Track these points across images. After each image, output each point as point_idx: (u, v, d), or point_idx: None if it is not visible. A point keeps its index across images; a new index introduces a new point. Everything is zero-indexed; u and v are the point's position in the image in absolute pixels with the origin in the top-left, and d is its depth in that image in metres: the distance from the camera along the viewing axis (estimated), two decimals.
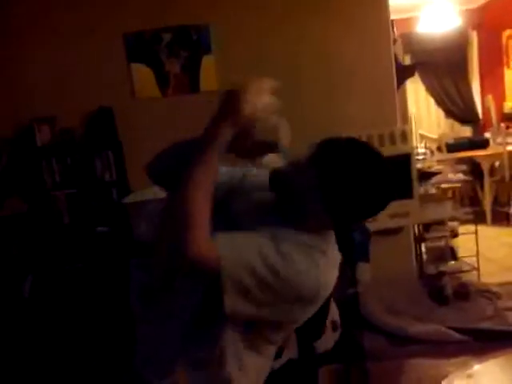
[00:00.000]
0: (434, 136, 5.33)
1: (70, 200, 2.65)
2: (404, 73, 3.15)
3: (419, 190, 3.02)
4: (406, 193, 2.85)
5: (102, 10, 2.74)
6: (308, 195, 1.03)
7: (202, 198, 0.97)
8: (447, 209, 3.23)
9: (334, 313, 2.19)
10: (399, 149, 2.81)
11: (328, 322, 2.11)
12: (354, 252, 2.06)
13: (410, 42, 4.77)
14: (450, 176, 3.55)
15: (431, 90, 5.42)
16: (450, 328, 2.55)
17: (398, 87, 3.10)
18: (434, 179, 3.39)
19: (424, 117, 5.77)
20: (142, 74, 2.78)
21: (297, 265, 0.99)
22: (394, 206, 2.85)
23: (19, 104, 2.72)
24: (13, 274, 2.63)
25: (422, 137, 5.21)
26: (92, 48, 2.74)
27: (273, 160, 1.13)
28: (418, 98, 5.80)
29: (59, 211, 2.64)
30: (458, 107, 5.38)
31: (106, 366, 1.43)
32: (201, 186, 0.98)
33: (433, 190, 3.58)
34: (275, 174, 1.08)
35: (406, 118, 4.20)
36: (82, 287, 2.55)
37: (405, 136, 2.83)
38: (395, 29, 3.21)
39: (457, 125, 5.59)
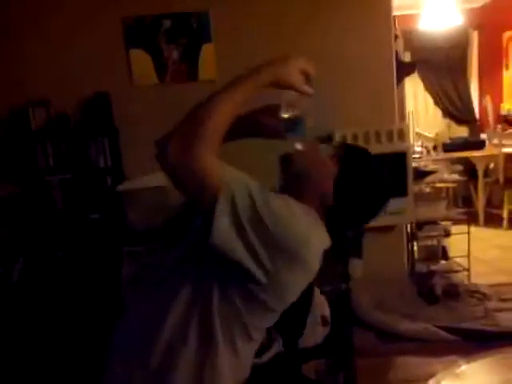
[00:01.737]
0: (431, 135, 5.34)
1: (63, 185, 2.62)
2: (404, 70, 3.13)
3: (414, 188, 3.02)
4: (401, 191, 2.85)
5: None
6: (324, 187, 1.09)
7: (227, 113, 0.98)
8: (441, 208, 3.24)
9: (325, 308, 2.19)
10: (396, 146, 2.80)
11: (318, 317, 2.12)
12: (347, 248, 2.06)
13: (411, 39, 4.76)
14: (445, 176, 3.56)
15: (430, 88, 5.41)
16: (438, 327, 2.56)
17: (398, 84, 3.09)
18: (429, 178, 3.39)
19: (421, 115, 5.77)
20: (141, 60, 2.74)
21: (282, 210, 1.00)
22: (389, 204, 2.85)
23: (15, 86, 2.68)
24: (3, 256, 2.61)
25: (419, 135, 5.22)
26: (91, 32, 2.70)
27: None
28: (416, 96, 5.79)
29: (52, 196, 2.61)
30: (455, 107, 5.38)
31: (94, 353, 1.43)
32: (226, 109, 0.99)
33: (427, 189, 3.58)
34: (285, 157, 1.12)
35: (403, 115, 4.19)
36: (72, 273, 2.53)
37: (402, 134, 2.82)
38: (397, 25, 3.18)
39: (454, 125, 5.60)
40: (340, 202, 1.11)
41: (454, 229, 3.39)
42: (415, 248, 3.28)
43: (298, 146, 1.12)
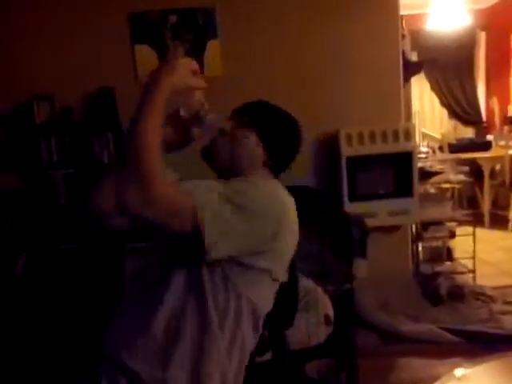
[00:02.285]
0: (437, 135, 5.30)
1: (67, 180, 2.61)
2: (411, 69, 3.11)
3: (419, 188, 3.00)
4: (406, 191, 2.83)
5: None
6: (244, 147, 1.21)
7: (153, 139, 1.02)
8: (447, 209, 3.21)
9: (328, 307, 2.18)
10: (402, 146, 2.78)
11: (321, 316, 2.11)
12: (352, 248, 2.04)
13: (418, 39, 4.73)
14: (451, 176, 3.53)
15: (436, 88, 5.38)
16: (443, 328, 2.54)
17: (404, 84, 3.07)
18: (435, 179, 3.36)
19: (427, 115, 5.74)
20: (146, 56, 2.73)
21: (242, 184, 1.12)
22: (394, 204, 2.84)
23: (19, 79, 2.67)
24: (6, 250, 2.61)
25: (425, 135, 5.18)
26: (97, 26, 2.69)
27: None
28: (422, 95, 5.75)
29: (56, 191, 2.60)
30: (461, 108, 5.35)
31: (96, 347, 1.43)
32: (150, 137, 1.02)
33: (432, 190, 3.55)
34: (206, 149, 1.22)
35: (409, 115, 4.16)
36: (75, 268, 2.52)
37: (408, 134, 2.79)
38: (404, 24, 3.16)
39: (460, 125, 5.56)
40: (275, 149, 1.23)
41: (459, 230, 3.37)
42: (420, 249, 3.26)
43: (210, 135, 1.21)
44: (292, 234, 1.18)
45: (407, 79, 3.16)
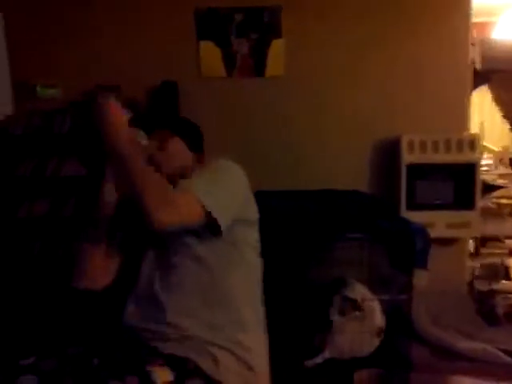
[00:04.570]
0: (496, 148, 5.10)
1: None
2: (479, 79, 3.00)
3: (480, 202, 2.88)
4: (468, 203, 2.72)
5: None
6: None
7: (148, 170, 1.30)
8: (507, 225, 3.08)
9: (382, 318, 2.11)
10: (466, 157, 2.68)
11: (375, 327, 2.05)
12: (414, 258, 1.98)
13: (483, 48, 4.56)
14: None
15: (499, 100, 5.17)
16: (499, 349, 2.43)
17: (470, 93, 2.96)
18: (497, 193, 3.23)
19: (488, 127, 5.53)
20: (210, 53, 2.75)
21: (206, 169, 1.50)
22: (453, 216, 2.74)
23: (87, 69, 2.75)
24: (65, 233, 2.68)
25: (485, 148, 4.99)
26: (163, 21, 2.74)
27: None
28: (482, 107, 5.55)
29: None
30: None
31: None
32: (134, 165, 1.29)
33: (490, 204, 3.42)
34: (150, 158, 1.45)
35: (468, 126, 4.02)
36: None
37: (473, 144, 2.69)
38: (475, 33, 3.05)
39: None
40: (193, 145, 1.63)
41: None
42: (477, 265, 3.13)
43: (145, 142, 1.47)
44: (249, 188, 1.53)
45: (474, 88, 3.05)
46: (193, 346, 1.32)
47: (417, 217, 2.61)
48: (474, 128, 4.64)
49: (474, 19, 2.82)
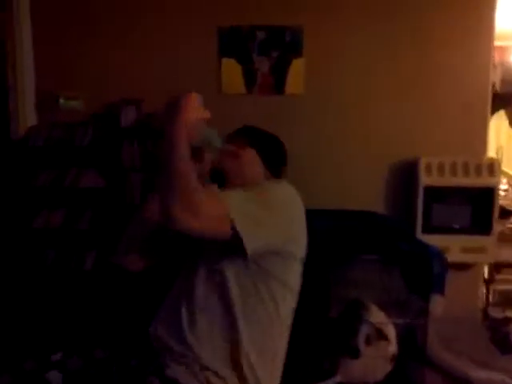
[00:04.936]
0: None
1: (144, 184, 2.68)
2: (499, 102, 2.98)
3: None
4: (484, 228, 2.70)
5: (197, 0, 2.78)
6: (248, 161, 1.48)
7: (185, 167, 1.19)
8: None
9: (395, 345, 2.09)
10: (484, 181, 2.66)
11: (389, 353, 2.02)
12: (431, 282, 1.96)
13: (505, 71, 4.54)
14: None
15: None
16: None
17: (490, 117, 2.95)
18: None
19: (505, 152, 5.48)
20: (231, 70, 2.78)
21: (259, 188, 1.38)
22: (469, 241, 2.71)
23: (110, 83, 2.80)
24: (79, 245, 2.70)
25: (503, 173, 4.94)
26: (187, 37, 2.78)
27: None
28: (499, 131, 5.51)
29: (132, 193, 2.67)
30: None
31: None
32: (182, 164, 1.20)
33: (506, 230, 3.38)
34: (214, 170, 1.44)
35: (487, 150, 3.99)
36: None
37: (492, 168, 2.67)
38: (496, 56, 3.05)
39: None
40: (270, 163, 1.52)
41: None
42: (490, 291, 3.09)
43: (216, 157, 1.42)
44: (303, 225, 1.42)
45: (494, 112, 3.04)
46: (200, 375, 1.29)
47: (432, 240, 2.59)
48: (491, 152, 4.63)
49: (497, 42, 2.82)
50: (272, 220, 1.28)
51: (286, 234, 1.32)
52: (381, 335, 1.90)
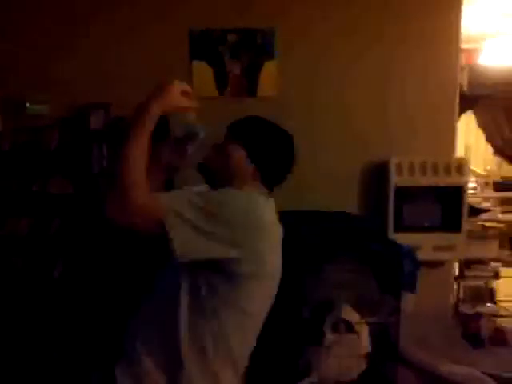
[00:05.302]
0: (481, 171, 5.18)
1: None
2: (465, 103, 3.06)
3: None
4: (454, 226, 2.75)
5: (169, 3, 2.75)
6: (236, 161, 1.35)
7: (138, 156, 1.15)
8: (493, 248, 3.12)
9: (369, 343, 2.11)
10: (453, 180, 2.72)
11: (363, 352, 2.04)
12: (402, 281, 1.98)
13: (472, 73, 4.66)
14: (500, 216, 3.43)
15: (483, 124, 5.26)
16: (484, 373, 2.43)
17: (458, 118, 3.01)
18: (484, 216, 3.27)
19: (473, 151, 5.62)
20: (203, 72, 2.77)
21: (217, 193, 1.28)
22: (440, 239, 2.76)
23: (76, 86, 2.74)
24: (48, 252, 2.64)
25: (471, 171, 5.06)
26: (156, 40, 2.75)
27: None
28: (468, 130, 5.64)
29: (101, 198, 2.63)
30: (509, 146, 5.21)
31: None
32: (136, 152, 1.16)
33: (475, 227, 3.46)
34: (201, 164, 1.38)
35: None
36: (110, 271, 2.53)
37: (461, 168, 2.74)
38: (463, 58, 3.12)
39: (505, 164, 5.41)
40: (262, 163, 1.36)
41: (504, 271, 3.25)
42: (461, 287, 3.15)
43: (203, 150, 1.37)
44: (274, 252, 1.32)
45: (461, 113, 3.10)
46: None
47: (404, 239, 2.63)
48: (459, 151, 4.74)
49: (464, 45, 2.89)
50: (216, 230, 1.17)
51: (234, 249, 1.19)
52: (350, 328, 1.92)
